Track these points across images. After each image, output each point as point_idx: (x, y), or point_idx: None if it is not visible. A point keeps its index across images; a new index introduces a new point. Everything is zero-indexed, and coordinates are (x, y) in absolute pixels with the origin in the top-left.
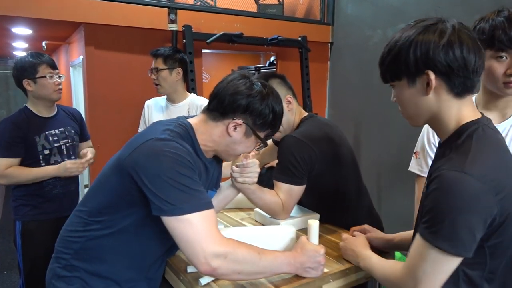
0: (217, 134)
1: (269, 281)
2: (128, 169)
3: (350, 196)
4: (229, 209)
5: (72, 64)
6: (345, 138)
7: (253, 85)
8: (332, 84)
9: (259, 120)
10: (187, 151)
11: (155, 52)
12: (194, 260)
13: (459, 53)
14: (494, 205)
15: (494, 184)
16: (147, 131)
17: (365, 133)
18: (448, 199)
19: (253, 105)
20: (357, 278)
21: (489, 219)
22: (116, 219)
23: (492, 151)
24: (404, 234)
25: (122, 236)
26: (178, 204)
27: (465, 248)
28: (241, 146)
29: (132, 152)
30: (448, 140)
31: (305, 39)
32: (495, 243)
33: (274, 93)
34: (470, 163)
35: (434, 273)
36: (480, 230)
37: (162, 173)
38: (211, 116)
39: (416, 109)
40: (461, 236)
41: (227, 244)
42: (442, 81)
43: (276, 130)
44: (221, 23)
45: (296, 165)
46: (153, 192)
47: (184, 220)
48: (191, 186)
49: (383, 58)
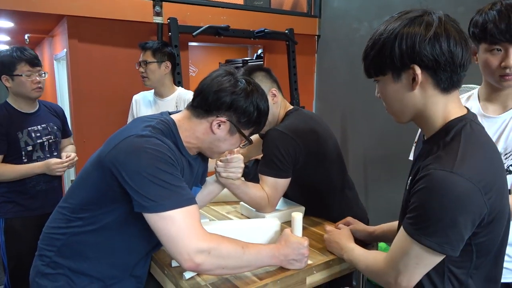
0: (201, 131)
1: (253, 273)
2: (109, 165)
3: (335, 189)
4: (215, 202)
5: (56, 58)
6: (330, 131)
7: (238, 82)
8: (320, 76)
9: (244, 117)
10: (168, 147)
11: (144, 45)
12: (177, 257)
13: (446, 46)
14: (483, 205)
15: (483, 184)
16: (128, 127)
17: (352, 126)
18: (437, 198)
19: (237, 102)
20: (341, 270)
21: (478, 219)
22: (98, 215)
23: (480, 150)
24: (385, 226)
25: (105, 233)
26: (159, 200)
27: (452, 248)
28: (225, 143)
29: (113, 148)
30: (435, 136)
31: (292, 32)
32: (482, 241)
33: (259, 90)
34: (459, 163)
35: (416, 266)
36: (468, 230)
37: (142, 169)
38: (195, 113)
39: (401, 105)
40: (449, 235)
41: (210, 239)
42: (428, 76)
43: (261, 127)
44: (207, 15)
45: (281, 159)
46: (134, 188)
47: (166, 217)
48: (172, 182)
49: (367, 52)
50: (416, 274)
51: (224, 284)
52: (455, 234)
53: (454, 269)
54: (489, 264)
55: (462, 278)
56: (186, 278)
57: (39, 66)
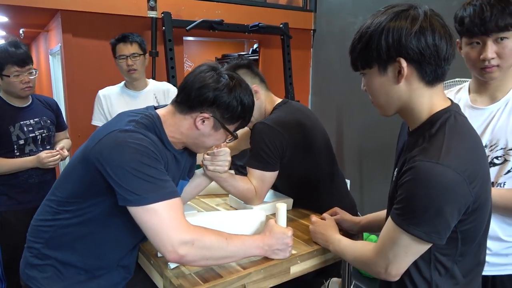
0: (185, 127)
1: (237, 263)
2: (93, 160)
3: (323, 181)
4: (205, 195)
5: (51, 52)
6: (318, 123)
7: (220, 77)
8: (315, 71)
9: (227, 113)
10: (151, 142)
11: (129, 38)
12: (161, 249)
13: (431, 40)
14: (468, 194)
15: (467, 174)
16: (112, 122)
17: (348, 119)
18: (424, 189)
19: (220, 98)
20: (325, 259)
21: (464, 208)
22: (84, 208)
23: (464, 141)
24: (371, 216)
25: (91, 225)
26: (142, 194)
27: (439, 236)
28: (210, 139)
29: (97, 143)
30: (420, 128)
31: (286, 26)
32: (467, 228)
33: (243, 85)
34: (444, 154)
35: (405, 255)
36: (454, 219)
37: (125, 164)
38: (179, 108)
39: (387, 98)
40: (436, 225)
41: (193, 231)
42: (414, 69)
43: (246, 122)
44: (202, 10)
45: (268, 152)
46: (117, 182)
47: (149, 210)
48: (155, 176)
49: (354, 45)
50: (405, 263)
51: (208, 273)
52: (441, 223)
53: (440, 256)
54: (474, 251)
55: (448, 265)
56: (171, 267)
57: (28, 64)
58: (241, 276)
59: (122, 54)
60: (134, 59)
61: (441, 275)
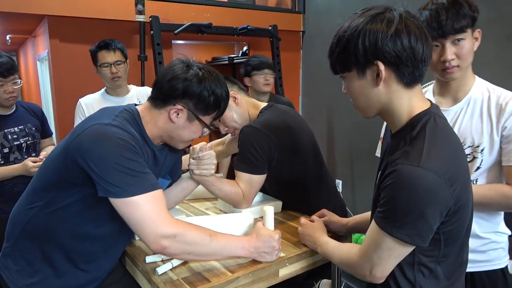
0: (161, 121)
1: (225, 266)
2: (73, 153)
3: (311, 182)
4: (194, 199)
5: (39, 58)
6: (304, 124)
7: (189, 69)
8: (305, 72)
9: (199, 103)
10: (132, 136)
11: (111, 45)
12: (144, 240)
13: (407, 42)
14: (449, 196)
15: (448, 176)
16: (93, 116)
17: (339, 121)
18: (406, 192)
19: (190, 88)
20: (314, 261)
21: (445, 210)
22: (59, 197)
23: (444, 143)
24: (358, 217)
25: (64, 215)
26: (124, 186)
27: (422, 239)
28: (186, 131)
29: (77, 136)
30: (401, 131)
31: (275, 28)
32: (449, 229)
33: (214, 75)
34: (425, 158)
35: (389, 258)
36: (436, 221)
37: (107, 157)
38: (153, 104)
39: (367, 100)
40: (418, 227)
41: (176, 225)
42: (392, 71)
43: (221, 112)
44: (191, 13)
45: (256, 155)
46: (99, 175)
47: (131, 202)
48: (136, 169)
49: (332, 49)
50: (389, 265)
51: (196, 278)
52: (424, 226)
53: (423, 258)
54: (456, 251)
55: (431, 266)
56: (159, 273)
57: (13, 74)
58: (229, 280)
59: (105, 62)
60: (118, 66)
61: (425, 277)
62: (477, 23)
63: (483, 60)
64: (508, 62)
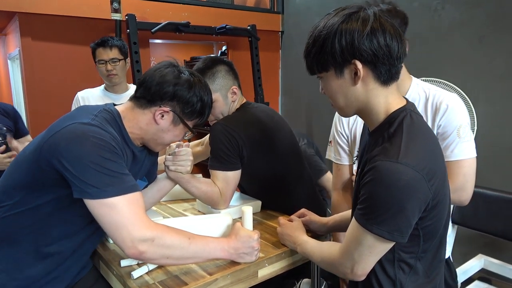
0: (145, 122)
1: (203, 269)
2: (46, 152)
3: (290, 182)
4: (171, 200)
5: (10, 57)
6: (283, 123)
7: (181, 73)
8: (284, 72)
9: (187, 108)
10: (111, 136)
11: (108, 42)
12: (121, 245)
13: (383, 40)
14: (428, 191)
15: (426, 171)
16: (71, 115)
17: (318, 119)
18: (385, 188)
19: (181, 93)
20: (293, 261)
21: (424, 205)
22: (29, 198)
23: (421, 139)
24: (338, 216)
25: (35, 216)
26: (101, 187)
27: (402, 234)
28: (169, 134)
29: (52, 135)
30: (379, 128)
31: (254, 28)
32: (428, 225)
33: (203, 82)
34: (403, 153)
35: (369, 255)
36: (415, 217)
37: (84, 157)
38: (137, 103)
39: (345, 100)
40: (398, 223)
41: (154, 228)
42: (369, 70)
43: (204, 118)
44: (168, 12)
45: (226, 151)
46: (75, 175)
47: (108, 204)
48: (115, 169)
49: (309, 49)
50: (370, 262)
51: (173, 281)
52: (403, 221)
53: (403, 254)
54: (435, 247)
55: (411, 262)
56: (135, 277)
57: None
58: (207, 282)
59: (101, 59)
60: (113, 64)
61: (405, 273)
62: (450, 26)
63: (457, 61)
64: (480, 62)
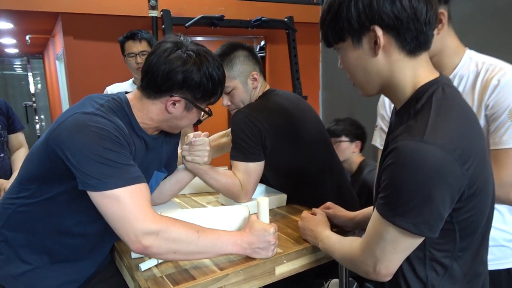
0: (155, 112)
1: (214, 263)
2: (52, 143)
3: (317, 174)
4: (196, 193)
5: (57, 57)
6: (311, 112)
7: (187, 56)
8: (325, 66)
9: (199, 92)
10: (115, 126)
11: (137, 35)
12: (125, 238)
13: (407, 1)
14: (462, 177)
15: (459, 153)
16: (76, 105)
17: (362, 116)
18: (408, 173)
19: (190, 79)
20: (316, 259)
21: (458, 194)
22: (43, 189)
23: (454, 115)
24: (367, 210)
25: (49, 207)
26: (103, 178)
27: (430, 228)
28: (184, 120)
29: (57, 126)
30: (405, 106)
31: (291, 20)
32: (465, 218)
33: (209, 58)
34: (431, 131)
35: (394, 251)
36: (447, 207)
37: (85, 147)
38: (145, 93)
39: (365, 74)
40: (424, 214)
41: (159, 221)
42: (392, 37)
43: (218, 96)
44: (204, 7)
45: (248, 141)
46: (76, 167)
47: (110, 196)
48: (117, 160)
49: (323, 17)
50: (394, 260)
51: (181, 275)
52: (431, 212)
53: (435, 252)
54: (476, 245)
55: (446, 263)
56: (142, 270)
57: None
58: (216, 277)
59: (131, 52)
60: (143, 56)
61: (438, 275)
62: None
63: None
64: None
